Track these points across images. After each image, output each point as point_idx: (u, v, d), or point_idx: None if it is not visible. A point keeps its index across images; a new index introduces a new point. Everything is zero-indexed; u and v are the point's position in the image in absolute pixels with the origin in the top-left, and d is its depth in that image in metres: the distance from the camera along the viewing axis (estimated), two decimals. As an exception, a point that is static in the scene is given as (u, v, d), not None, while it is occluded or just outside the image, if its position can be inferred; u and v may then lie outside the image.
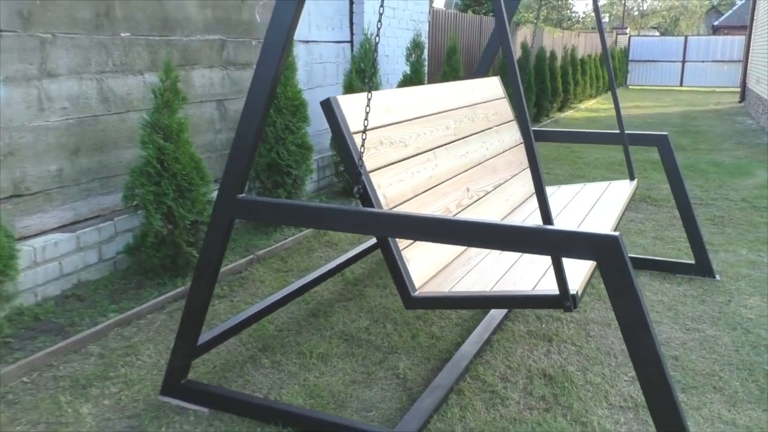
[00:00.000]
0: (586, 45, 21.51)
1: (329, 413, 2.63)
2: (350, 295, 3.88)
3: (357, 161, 2.41)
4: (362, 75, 6.13)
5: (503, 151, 3.94)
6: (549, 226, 1.96)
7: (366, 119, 2.37)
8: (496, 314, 3.42)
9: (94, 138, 4.01)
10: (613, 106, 16.34)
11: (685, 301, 3.76)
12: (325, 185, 6.51)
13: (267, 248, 4.59)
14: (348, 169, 2.45)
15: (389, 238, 2.39)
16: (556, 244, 1.94)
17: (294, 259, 4.51)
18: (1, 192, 3.48)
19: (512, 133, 4.20)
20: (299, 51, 6.14)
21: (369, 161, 2.54)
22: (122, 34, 4.13)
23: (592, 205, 3.64)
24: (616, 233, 1.87)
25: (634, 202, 6.12)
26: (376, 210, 2.26)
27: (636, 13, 44.24)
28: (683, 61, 24.93)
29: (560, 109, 14.55)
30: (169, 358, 2.70)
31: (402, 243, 2.49)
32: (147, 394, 2.76)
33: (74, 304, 3.60)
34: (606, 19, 41.69)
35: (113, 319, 3.38)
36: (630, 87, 24.84)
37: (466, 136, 3.52)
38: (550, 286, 2.28)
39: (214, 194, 3.90)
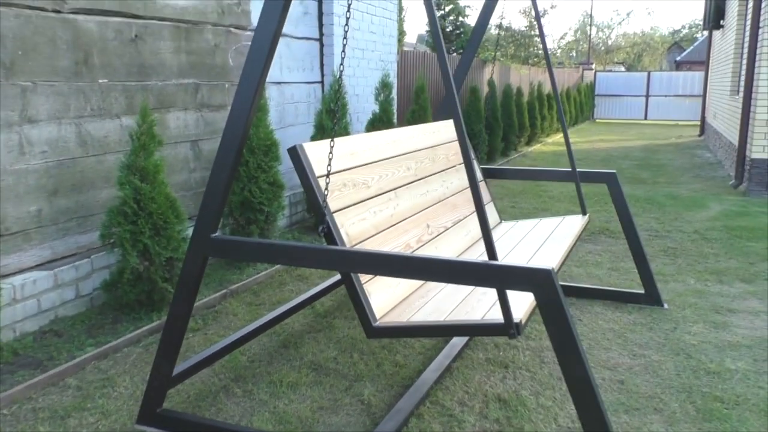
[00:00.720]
0: (553, 81, 22.18)
1: (297, 438, 2.80)
2: (320, 326, 4.06)
3: (322, 203, 2.63)
4: (332, 114, 6.39)
5: (463, 189, 4.19)
6: (493, 261, 2.19)
7: (329, 165, 2.60)
8: (456, 342, 3.63)
9: (72, 179, 4.18)
10: (579, 139, 16.66)
11: (634, 329, 4.01)
12: (297, 220, 6.71)
13: (240, 282, 4.76)
14: (314, 209, 2.68)
15: (352, 273, 2.61)
16: (499, 278, 2.17)
17: (266, 293, 4.69)
18: (-18, 232, 3.63)
19: (472, 172, 4.46)
20: (271, 92, 6.39)
21: (333, 202, 2.77)
22: (100, 81, 4.34)
23: (545, 240, 3.90)
24: (550, 267, 2.10)
25: (593, 235, 6.41)
26: (338, 248, 2.48)
27: (602, 48, 45.65)
28: (647, 96, 25.79)
29: (528, 143, 15.02)
30: (144, 388, 2.86)
31: (364, 277, 2.70)
32: (123, 423, 2.90)
33: (52, 339, 3.73)
34: (573, 54, 42.95)
35: (90, 352, 3.52)
36: (597, 120, 25.60)
37: (427, 176, 3.77)
38: (499, 316, 2.51)
39: (189, 231, 4.08)
